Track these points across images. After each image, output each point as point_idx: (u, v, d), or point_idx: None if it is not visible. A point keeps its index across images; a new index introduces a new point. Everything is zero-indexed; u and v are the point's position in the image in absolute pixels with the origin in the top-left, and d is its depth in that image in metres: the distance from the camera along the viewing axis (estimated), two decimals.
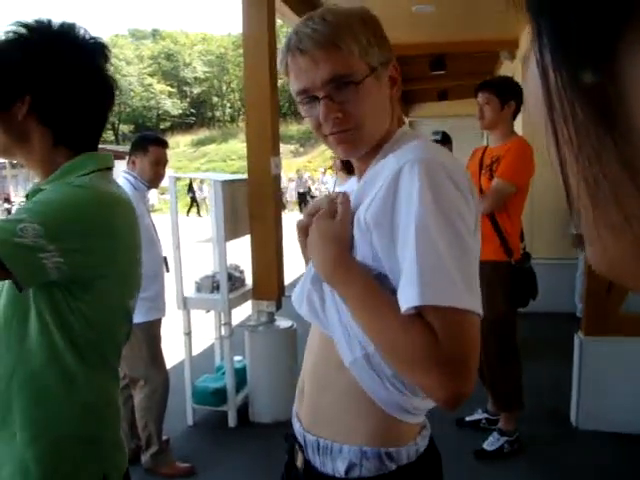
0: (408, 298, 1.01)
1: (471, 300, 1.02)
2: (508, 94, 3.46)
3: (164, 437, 3.69)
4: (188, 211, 25.43)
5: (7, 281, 1.27)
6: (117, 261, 1.41)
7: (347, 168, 4.44)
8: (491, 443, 3.65)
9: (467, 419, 4.00)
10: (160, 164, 3.61)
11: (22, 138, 1.39)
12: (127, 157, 3.60)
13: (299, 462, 1.29)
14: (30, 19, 1.36)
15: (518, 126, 6.69)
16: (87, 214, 1.33)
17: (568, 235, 6.46)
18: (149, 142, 3.61)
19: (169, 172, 4.34)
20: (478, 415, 4.00)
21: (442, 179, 1.07)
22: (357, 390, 1.18)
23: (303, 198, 25.15)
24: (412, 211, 1.03)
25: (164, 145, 3.66)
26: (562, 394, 4.12)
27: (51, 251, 1.22)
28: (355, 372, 1.16)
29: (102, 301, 1.38)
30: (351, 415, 1.20)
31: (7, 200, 29.70)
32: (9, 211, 29.19)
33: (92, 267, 1.34)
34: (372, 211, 1.09)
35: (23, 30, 1.34)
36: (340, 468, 1.19)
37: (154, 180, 3.59)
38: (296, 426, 1.33)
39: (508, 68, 7.62)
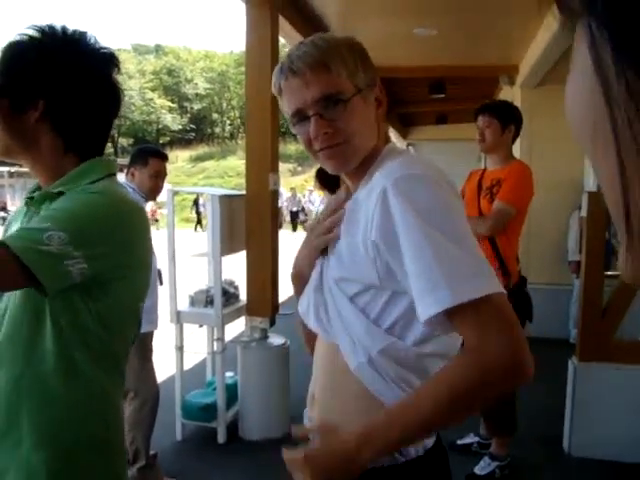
0: (437, 301, 1.04)
1: (494, 283, 1.09)
2: (509, 118, 3.50)
3: (152, 452, 3.65)
4: (195, 226, 25.47)
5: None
6: (133, 264, 1.43)
7: (326, 186, 4.53)
8: (482, 468, 3.62)
9: (459, 442, 3.97)
10: (159, 177, 3.61)
11: (32, 143, 1.39)
12: (126, 169, 3.60)
13: None
14: (43, 25, 1.37)
15: (516, 151, 6.72)
16: (108, 219, 1.35)
17: (564, 261, 6.48)
18: (149, 154, 3.61)
19: (167, 186, 4.33)
20: (469, 439, 3.97)
21: (423, 188, 1.13)
22: (364, 392, 1.22)
23: (295, 216, 25.17)
24: (408, 225, 1.09)
25: (164, 158, 3.67)
26: (555, 420, 4.10)
27: (76, 257, 1.24)
28: (361, 376, 1.21)
29: (118, 303, 1.40)
30: (361, 416, 1.21)
31: (3, 209, 29.63)
32: (4, 219, 29.15)
33: (112, 270, 1.36)
34: (377, 233, 1.14)
35: (37, 34, 1.35)
36: None
37: (152, 192, 3.60)
38: None
39: (507, 93, 7.67)
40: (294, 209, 25.58)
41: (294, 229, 24.37)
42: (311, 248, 1.37)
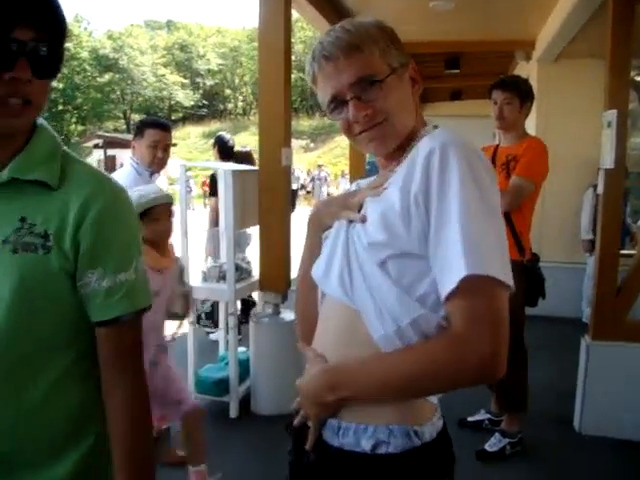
0: (457, 270, 1.06)
1: (509, 275, 1.10)
2: (527, 94, 3.49)
3: (164, 425, 3.68)
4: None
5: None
6: None
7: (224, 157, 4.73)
8: (493, 444, 3.62)
9: (469, 419, 3.97)
10: (158, 147, 3.47)
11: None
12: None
13: (307, 444, 1.30)
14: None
15: (531, 127, 6.64)
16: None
17: (577, 239, 6.43)
18: (146, 125, 3.51)
19: (180, 161, 4.32)
20: (480, 416, 3.98)
21: (476, 160, 1.15)
22: None
23: (294, 195, 24.90)
24: (450, 191, 1.10)
25: (163, 128, 3.53)
26: (566, 398, 4.09)
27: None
28: (383, 345, 1.18)
29: None
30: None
31: None
32: None
33: None
34: (419, 188, 1.14)
35: None
36: (366, 446, 1.21)
37: (153, 164, 3.47)
38: None
39: (523, 69, 7.56)
40: (293, 187, 25.32)
41: (293, 207, 24.10)
42: (344, 205, 1.35)
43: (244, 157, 6.01)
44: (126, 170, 3.48)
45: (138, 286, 1.25)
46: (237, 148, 6.58)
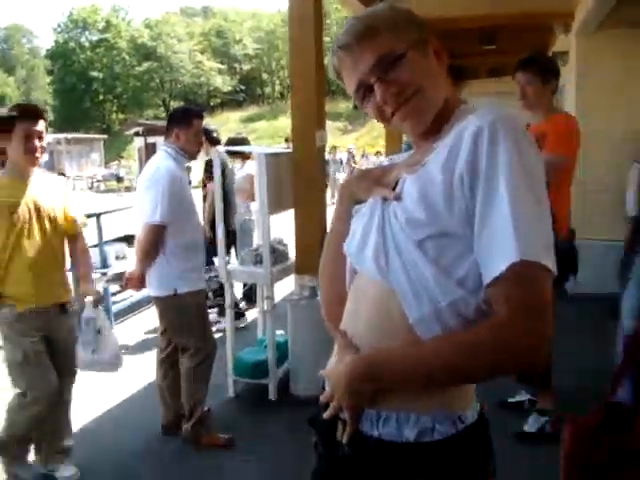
0: (507, 255, 1.04)
1: (554, 263, 1.07)
2: (549, 72, 3.48)
3: (205, 408, 3.73)
4: None
5: None
6: None
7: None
8: (531, 424, 3.57)
9: (510, 400, 3.92)
10: (198, 135, 3.68)
11: None
12: (167, 130, 3.60)
13: (344, 436, 1.24)
14: None
15: (570, 103, 6.46)
16: None
17: (623, 216, 6.25)
18: (193, 115, 3.64)
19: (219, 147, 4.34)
20: (521, 397, 3.92)
21: (526, 142, 1.12)
22: (417, 342, 1.17)
23: None
24: (500, 174, 1.07)
25: (201, 117, 3.71)
26: (604, 377, 3.99)
27: None
28: (419, 326, 1.14)
29: None
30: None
31: (62, 174, 30.38)
32: None
33: None
34: (466, 167, 1.10)
35: None
36: (409, 435, 1.18)
37: (196, 152, 3.66)
38: None
39: (563, 43, 7.37)
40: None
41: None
42: (378, 182, 1.32)
43: (240, 143, 6.08)
44: (163, 156, 3.53)
45: None
46: (231, 135, 6.74)
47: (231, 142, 6.29)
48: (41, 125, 3.07)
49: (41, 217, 3.13)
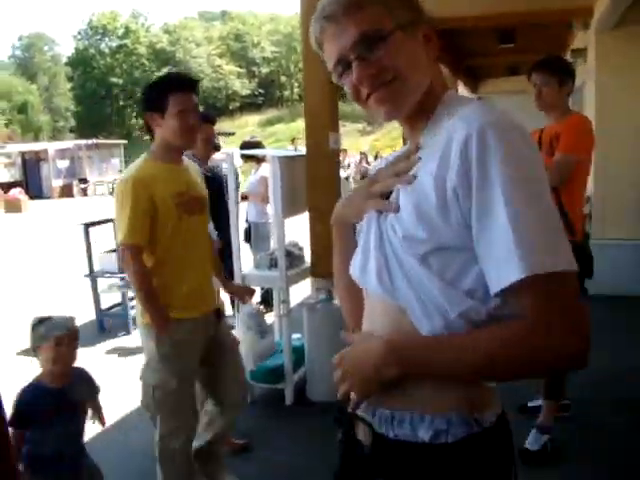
0: (511, 270, 1.00)
1: (571, 260, 1.03)
2: (564, 73, 3.46)
3: None
4: None
5: None
6: None
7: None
8: (533, 442, 3.42)
9: (530, 405, 3.85)
10: (210, 141, 3.64)
11: None
12: None
13: (363, 437, 1.24)
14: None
15: (589, 102, 6.38)
16: None
17: None
18: (203, 121, 3.61)
19: (228, 150, 4.34)
20: (540, 401, 3.85)
21: (518, 140, 1.07)
22: None
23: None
24: (493, 179, 1.03)
25: (213, 122, 3.74)
26: (631, 381, 3.93)
27: None
28: None
29: None
30: (431, 386, 1.15)
31: (83, 179, 30.68)
32: (84, 191, 30.18)
33: None
34: (458, 179, 1.05)
35: None
36: (424, 436, 1.15)
37: (205, 157, 3.65)
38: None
39: (581, 39, 7.27)
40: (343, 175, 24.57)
41: None
42: (368, 195, 1.27)
43: (254, 146, 6.08)
44: None
45: None
46: (246, 139, 6.71)
47: (245, 145, 6.30)
48: (195, 98, 2.72)
49: (202, 209, 2.83)
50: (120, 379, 4.96)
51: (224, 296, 3.84)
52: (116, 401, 4.47)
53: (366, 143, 31.90)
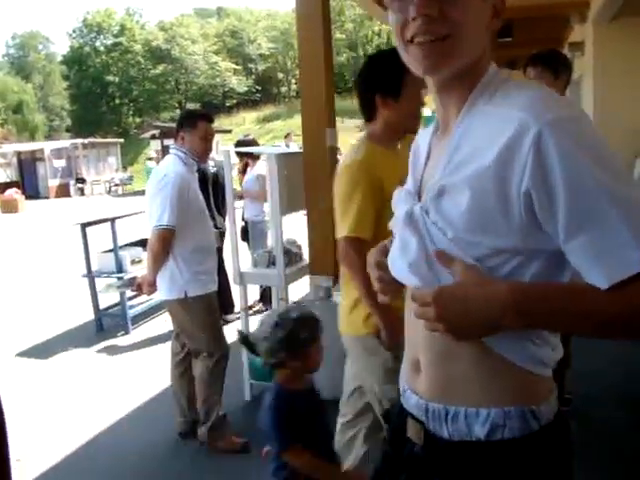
0: (627, 263, 0.92)
1: None
2: (560, 67, 3.44)
3: (221, 413, 3.69)
4: None
5: None
6: None
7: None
8: None
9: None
10: (208, 139, 3.63)
11: None
12: (177, 133, 3.59)
13: (414, 435, 1.21)
14: None
15: (589, 95, 6.35)
16: None
17: None
18: (197, 118, 3.63)
19: (224, 147, 4.32)
20: None
21: (588, 132, 0.99)
22: (487, 352, 1.09)
23: None
24: (579, 175, 0.94)
25: (211, 120, 3.68)
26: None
27: None
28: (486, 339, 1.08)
29: None
30: (485, 378, 1.11)
31: (80, 179, 30.61)
32: (82, 190, 30.11)
33: None
34: (532, 182, 0.96)
35: None
36: (479, 433, 1.10)
37: (204, 155, 3.63)
38: (412, 400, 1.23)
39: (579, 33, 7.24)
40: None
41: None
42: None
43: (248, 144, 6.06)
44: (173, 159, 3.52)
45: None
46: (240, 137, 6.69)
47: (240, 144, 6.28)
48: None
49: None
50: (119, 379, 4.95)
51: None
52: (115, 400, 4.45)
53: None
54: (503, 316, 0.98)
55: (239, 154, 5.97)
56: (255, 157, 6.25)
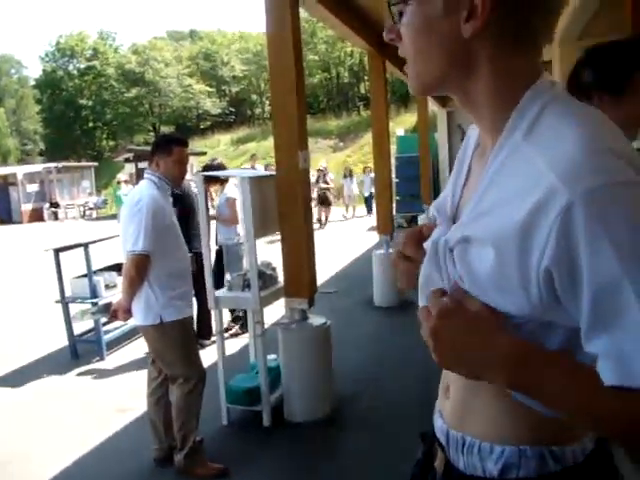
0: None
1: None
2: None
3: (198, 438, 3.67)
4: None
5: None
6: None
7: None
8: None
9: None
10: (183, 163, 3.65)
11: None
12: (151, 158, 3.60)
13: (438, 463, 1.17)
14: None
15: None
16: None
17: None
18: (172, 142, 3.65)
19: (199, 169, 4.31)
20: None
21: (631, 208, 0.80)
22: (511, 392, 1.00)
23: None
24: (614, 271, 0.80)
25: (185, 144, 3.71)
26: None
27: None
28: None
29: None
30: (506, 412, 1.04)
31: (54, 204, 30.32)
32: (56, 215, 29.80)
33: None
34: (553, 261, 0.83)
35: None
36: (492, 469, 1.04)
37: (178, 179, 3.64)
38: (438, 422, 1.20)
39: (546, 52, 7.33)
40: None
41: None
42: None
43: (216, 169, 6.07)
44: (147, 184, 3.52)
45: None
46: (207, 162, 6.71)
47: (207, 168, 6.28)
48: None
49: None
50: (94, 406, 4.89)
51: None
52: (90, 427, 4.40)
53: (339, 159, 32.01)
54: (494, 368, 0.93)
55: (207, 178, 5.98)
56: (222, 181, 6.26)
